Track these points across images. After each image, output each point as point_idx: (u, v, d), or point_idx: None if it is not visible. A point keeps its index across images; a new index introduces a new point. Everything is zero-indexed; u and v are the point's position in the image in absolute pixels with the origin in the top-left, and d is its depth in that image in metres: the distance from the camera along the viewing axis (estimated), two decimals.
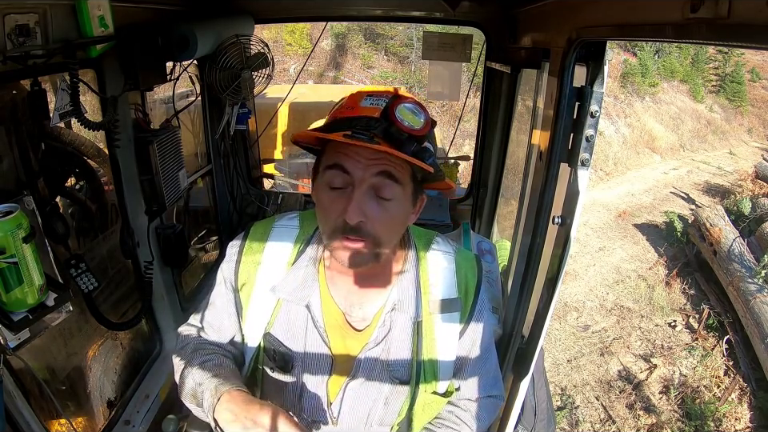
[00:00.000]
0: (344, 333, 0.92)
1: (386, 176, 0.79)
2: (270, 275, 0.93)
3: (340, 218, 0.79)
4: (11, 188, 1.13)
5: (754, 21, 0.53)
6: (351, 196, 0.78)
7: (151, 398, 1.67)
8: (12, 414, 1.06)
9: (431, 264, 0.94)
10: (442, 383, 0.96)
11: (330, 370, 0.93)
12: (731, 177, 9.73)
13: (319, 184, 0.84)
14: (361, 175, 0.78)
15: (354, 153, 0.78)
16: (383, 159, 0.79)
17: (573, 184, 1.09)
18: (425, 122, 0.81)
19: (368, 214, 0.79)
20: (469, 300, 0.95)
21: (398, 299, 0.91)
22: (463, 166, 2.94)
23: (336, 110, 0.86)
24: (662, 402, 4.18)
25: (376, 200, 0.80)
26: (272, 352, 0.93)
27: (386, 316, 0.91)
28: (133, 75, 1.41)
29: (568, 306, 5.44)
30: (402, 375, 0.92)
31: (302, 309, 0.92)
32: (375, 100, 0.82)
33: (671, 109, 12.70)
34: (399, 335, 0.91)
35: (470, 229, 1.78)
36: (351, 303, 0.92)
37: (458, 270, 0.95)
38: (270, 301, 0.93)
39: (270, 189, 3.22)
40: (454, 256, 0.97)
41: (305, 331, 0.92)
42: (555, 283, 1.14)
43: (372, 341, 0.91)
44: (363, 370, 0.92)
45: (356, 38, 11.92)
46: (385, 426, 0.96)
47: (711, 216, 6.22)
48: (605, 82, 1.04)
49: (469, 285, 0.95)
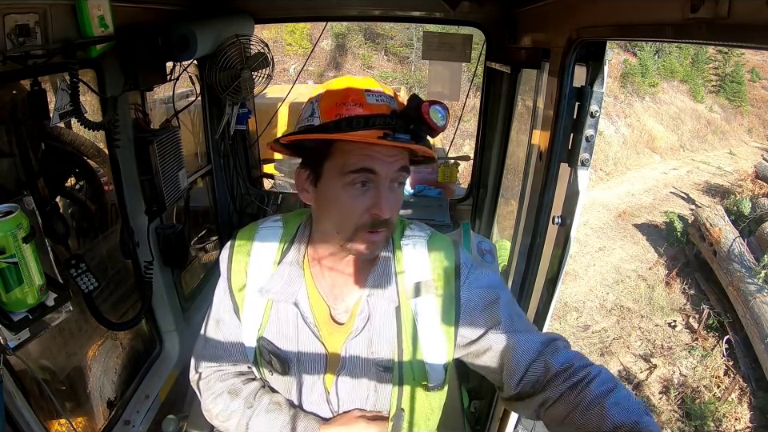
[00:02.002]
0: (330, 326, 0.93)
1: (404, 170, 0.84)
2: (259, 275, 0.94)
3: (366, 214, 0.82)
4: (11, 188, 1.13)
5: (754, 21, 0.53)
6: (379, 193, 0.81)
7: (151, 398, 1.67)
8: (12, 413, 1.06)
9: (405, 249, 0.95)
10: (432, 374, 0.94)
11: (325, 364, 0.93)
12: (731, 177, 9.73)
13: (333, 184, 0.83)
14: (386, 173, 0.81)
15: (379, 153, 0.80)
16: (400, 154, 0.82)
17: (573, 184, 1.09)
18: (448, 119, 0.84)
19: (391, 204, 0.83)
20: (449, 282, 0.92)
21: (375, 286, 0.91)
22: (463, 166, 2.94)
23: (337, 106, 0.83)
24: (662, 402, 4.18)
25: (392, 190, 0.84)
26: (268, 356, 0.94)
27: (363, 304, 0.92)
28: (133, 75, 1.41)
29: (568, 306, 5.44)
30: (386, 363, 0.93)
31: (292, 307, 0.92)
32: (377, 96, 0.83)
33: (671, 109, 12.71)
34: (379, 322, 0.92)
35: (470, 229, 1.78)
36: (335, 296, 0.93)
37: (430, 253, 0.95)
38: (260, 304, 0.94)
39: (269, 189, 3.22)
40: (426, 239, 0.96)
41: (296, 330, 0.93)
42: (555, 283, 1.14)
43: (354, 330, 0.92)
44: (350, 360, 0.92)
45: (356, 38, 11.92)
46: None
47: (711, 216, 6.23)
48: (605, 82, 1.04)
49: (445, 267, 0.93)
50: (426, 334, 0.92)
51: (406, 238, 0.96)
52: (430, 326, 0.92)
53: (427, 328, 0.92)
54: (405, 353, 0.92)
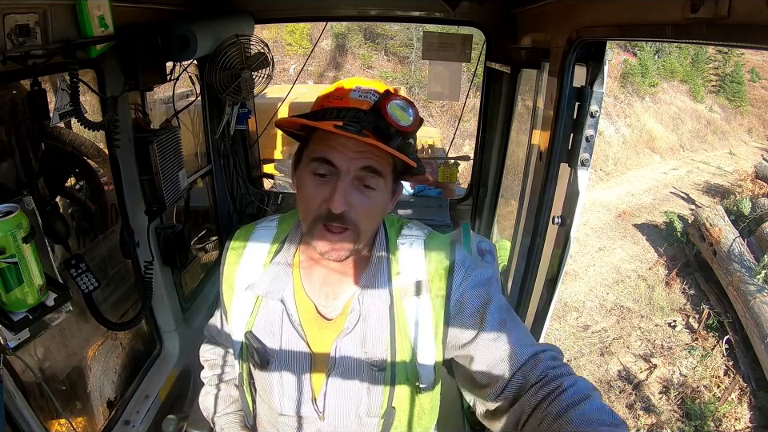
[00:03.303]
0: (320, 324, 0.93)
1: (369, 170, 0.81)
2: (249, 274, 0.95)
3: (323, 206, 0.80)
4: (11, 188, 1.13)
5: (754, 21, 0.53)
6: (336, 185, 0.79)
7: (151, 397, 1.67)
8: (12, 413, 1.06)
9: (401, 249, 0.94)
10: (423, 374, 0.93)
11: (309, 364, 0.93)
12: (731, 177, 9.73)
13: (302, 171, 0.84)
14: (346, 167, 0.79)
15: (340, 145, 0.79)
16: (369, 153, 0.80)
17: (573, 184, 1.09)
18: (414, 119, 0.82)
19: (351, 202, 0.80)
20: (443, 282, 0.91)
21: (368, 285, 0.91)
22: (463, 166, 2.94)
23: (323, 98, 0.85)
24: (662, 402, 4.18)
25: (359, 189, 0.81)
26: (252, 349, 0.94)
27: (354, 302, 0.91)
28: (133, 75, 1.41)
29: (568, 306, 5.44)
30: (379, 363, 0.92)
31: (278, 305, 0.93)
32: (364, 93, 0.82)
33: (671, 109, 12.71)
34: (373, 321, 0.91)
35: (470, 229, 1.78)
36: (325, 294, 0.93)
37: (426, 254, 0.94)
38: (250, 300, 0.95)
39: (269, 189, 3.22)
40: (422, 240, 0.96)
41: (281, 327, 0.93)
42: (555, 283, 1.14)
43: (345, 329, 0.91)
44: (341, 360, 0.92)
45: (356, 38, 11.92)
46: (372, 417, 0.95)
47: (711, 216, 6.23)
48: (605, 82, 1.04)
49: (440, 267, 0.92)
50: (419, 334, 0.91)
51: (402, 237, 0.96)
52: (423, 327, 0.91)
53: (420, 328, 0.91)
54: (398, 353, 0.91)
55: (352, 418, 0.94)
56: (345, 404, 0.94)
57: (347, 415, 0.94)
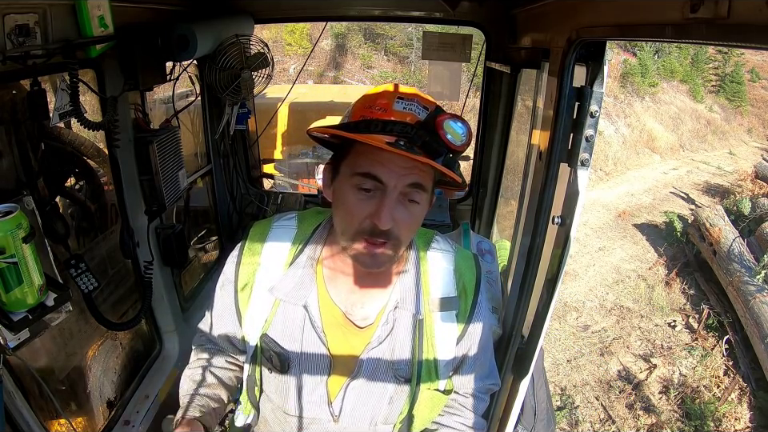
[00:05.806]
0: (345, 331, 0.92)
1: (416, 186, 0.80)
2: (269, 276, 0.94)
3: (367, 221, 0.79)
4: (11, 188, 1.13)
5: (754, 21, 0.53)
6: (383, 201, 0.78)
7: (151, 398, 1.67)
8: (12, 414, 1.06)
9: (431, 263, 0.95)
10: (442, 381, 0.96)
11: (328, 369, 0.93)
12: (731, 177, 9.74)
13: (343, 184, 0.82)
14: (394, 184, 0.78)
15: (388, 161, 0.77)
16: (416, 169, 0.79)
17: (572, 184, 1.09)
18: (467, 138, 0.82)
19: (396, 218, 0.80)
20: (468, 299, 0.95)
21: (401, 298, 0.91)
22: (463, 166, 2.94)
23: (364, 107, 0.84)
24: (662, 402, 4.18)
25: (404, 204, 0.81)
26: (269, 353, 0.94)
27: (389, 314, 0.91)
28: (133, 75, 1.41)
29: (568, 305, 5.45)
30: (405, 373, 0.93)
31: (300, 309, 0.92)
32: (408, 104, 0.81)
33: (671, 109, 12.71)
34: (402, 333, 0.92)
35: (470, 229, 1.78)
36: (352, 302, 0.93)
37: (456, 270, 0.96)
38: (267, 302, 0.93)
39: (269, 189, 3.22)
40: (453, 255, 0.97)
41: (302, 331, 0.92)
42: (555, 283, 1.14)
43: (375, 339, 0.91)
44: (366, 369, 0.92)
45: (356, 38, 11.92)
46: (388, 425, 0.96)
47: (711, 216, 6.22)
48: (605, 82, 1.03)
49: (467, 284, 0.96)
50: (442, 346, 0.94)
51: (432, 250, 0.96)
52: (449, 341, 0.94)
53: (444, 340, 0.94)
54: (424, 365, 0.92)
55: (366, 423, 0.95)
56: (363, 410, 0.94)
57: (362, 420, 0.95)
